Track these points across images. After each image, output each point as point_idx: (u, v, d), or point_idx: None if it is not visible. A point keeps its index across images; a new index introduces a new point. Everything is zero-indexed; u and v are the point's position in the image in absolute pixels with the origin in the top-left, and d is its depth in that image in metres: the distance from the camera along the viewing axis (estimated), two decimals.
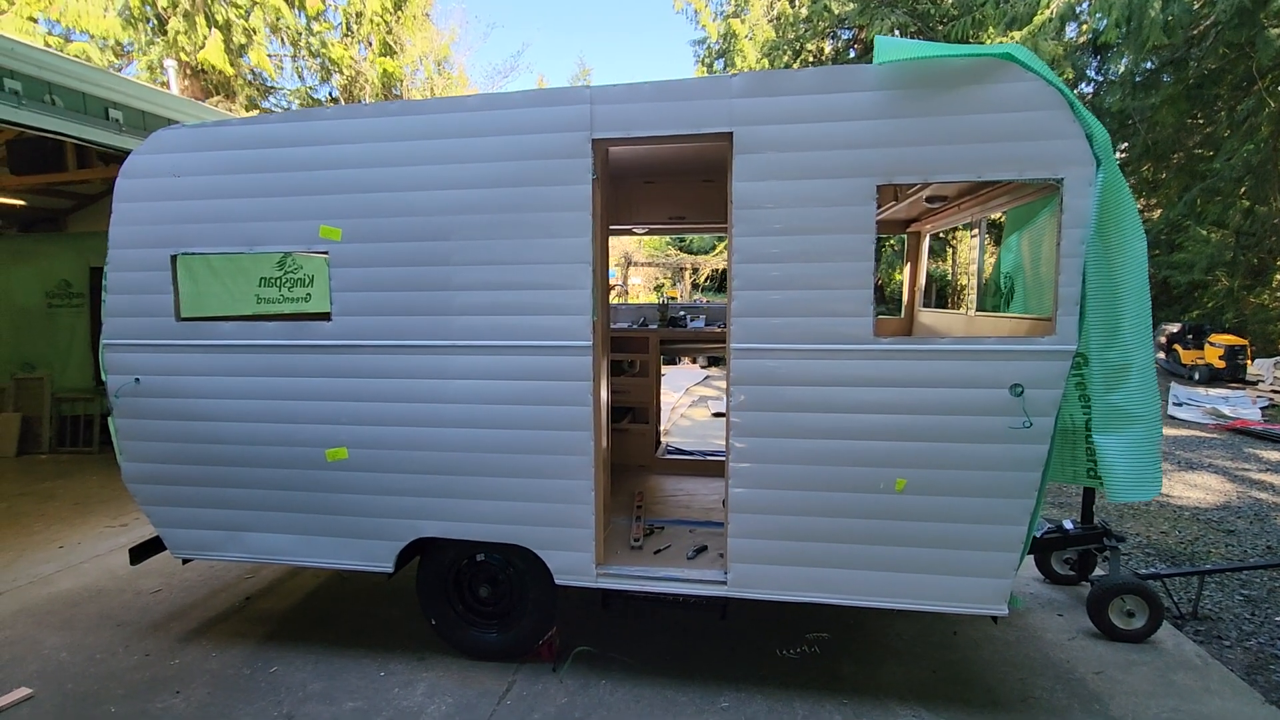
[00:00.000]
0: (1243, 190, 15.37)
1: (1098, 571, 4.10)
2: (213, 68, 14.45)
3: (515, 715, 2.87)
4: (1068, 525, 3.94)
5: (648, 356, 5.00)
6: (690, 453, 5.27)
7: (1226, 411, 10.46)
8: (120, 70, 15.42)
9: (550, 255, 2.85)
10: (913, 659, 3.31)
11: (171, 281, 3.14)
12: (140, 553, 3.51)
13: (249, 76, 15.93)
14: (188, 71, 14.66)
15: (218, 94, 15.11)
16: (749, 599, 2.92)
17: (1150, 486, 2.55)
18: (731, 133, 2.67)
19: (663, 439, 5.44)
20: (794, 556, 2.83)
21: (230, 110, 13.76)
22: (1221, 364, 14.23)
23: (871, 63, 2.54)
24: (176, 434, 3.24)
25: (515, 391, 2.92)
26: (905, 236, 4.98)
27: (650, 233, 5.19)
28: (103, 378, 3.28)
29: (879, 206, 2.66)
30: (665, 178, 4.61)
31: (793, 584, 2.86)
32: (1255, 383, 14.06)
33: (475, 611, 3.33)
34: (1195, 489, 6.52)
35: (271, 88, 17.36)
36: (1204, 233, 16.99)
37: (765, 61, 19.39)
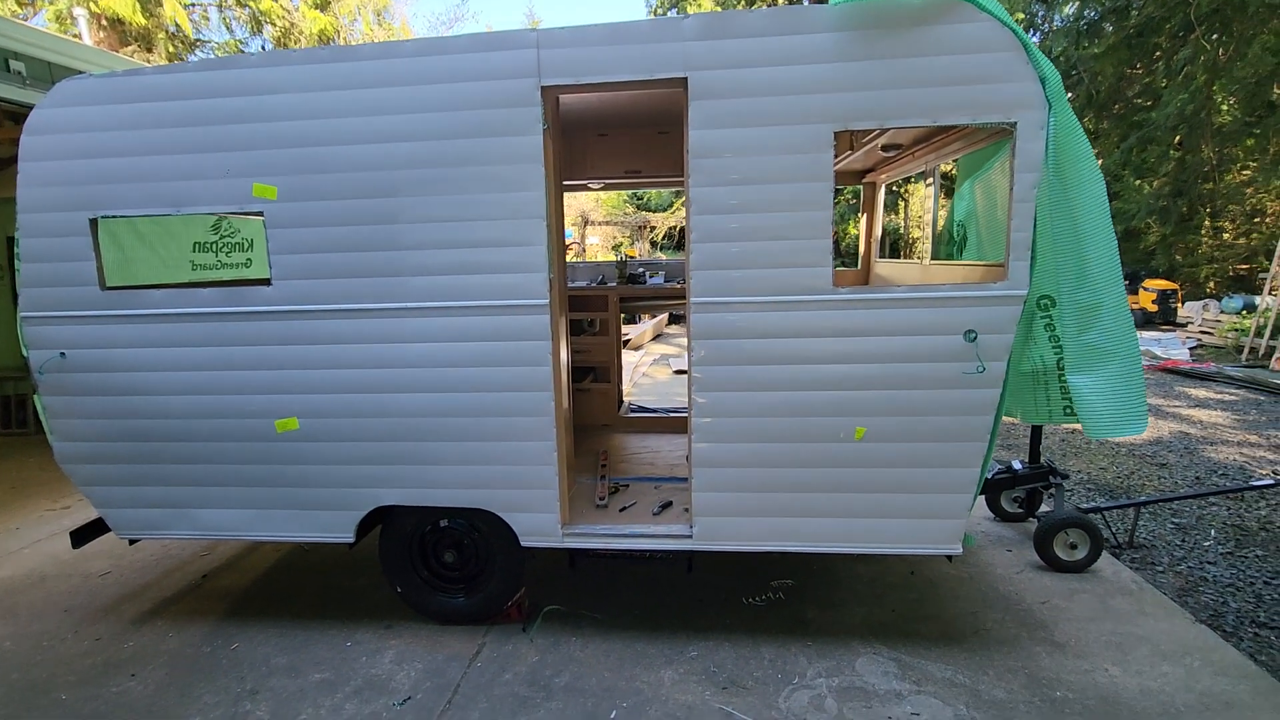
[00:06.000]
0: (1176, 140, 15.88)
1: (1043, 508, 4.30)
2: (119, 18, 13.36)
3: (487, 676, 2.88)
4: (1016, 466, 4.10)
5: (607, 315, 4.94)
6: (653, 410, 5.28)
7: (1159, 352, 11.00)
8: (26, 20, 14.14)
9: (501, 210, 2.74)
10: (874, 600, 3.43)
11: (93, 247, 2.92)
12: (82, 535, 3.35)
13: (172, 29, 14.81)
14: (102, 22, 13.54)
15: (135, 45, 14.01)
16: (715, 551, 2.96)
17: (1136, 422, 2.61)
18: (686, 78, 2.58)
19: (625, 398, 5.42)
20: (758, 507, 2.87)
21: (149, 63, 12.79)
22: (1154, 308, 14.92)
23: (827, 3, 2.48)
24: (111, 410, 3.06)
25: (471, 353, 2.84)
26: (861, 187, 4.98)
27: (606, 188, 5.07)
28: (23, 354, 3.06)
29: (836, 155, 2.62)
30: (619, 129, 4.48)
31: (757, 535, 2.90)
32: (1185, 325, 14.81)
33: (441, 577, 3.30)
34: None
35: (197, 40, 16.20)
36: (1137, 183, 17.59)
37: (719, 8, 18.95)
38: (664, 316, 15.79)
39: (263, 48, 17.08)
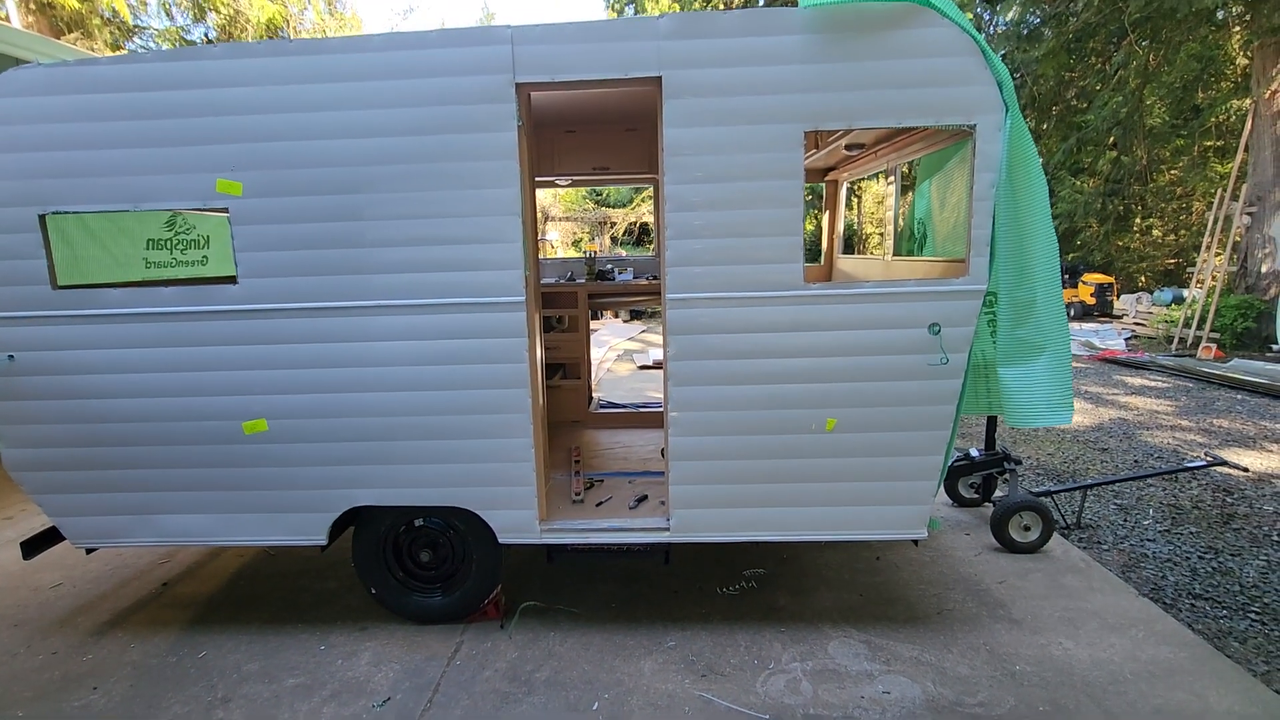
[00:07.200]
0: (1111, 141, 16.70)
1: (998, 493, 4.50)
2: (50, 1, 12.64)
3: (467, 674, 2.87)
4: (974, 453, 4.29)
5: (576, 311, 4.95)
6: (623, 406, 5.31)
7: (1097, 343, 11.57)
8: None
9: (477, 208, 2.73)
10: (842, 585, 3.54)
11: (43, 244, 2.80)
12: (34, 546, 3.20)
13: (108, 14, 14.09)
14: (30, 5, 12.78)
15: (73, 31, 13.29)
16: (692, 543, 3.02)
17: (1062, 412, 2.75)
18: (660, 76, 2.61)
19: (594, 394, 5.44)
20: (733, 499, 2.94)
21: (92, 51, 12.15)
22: (1093, 300, 15.67)
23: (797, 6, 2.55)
24: (65, 414, 2.94)
25: (448, 351, 2.83)
26: (824, 185, 5.10)
27: (574, 184, 5.07)
28: None
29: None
30: (587, 127, 4.49)
31: (733, 525, 2.97)
32: (1121, 316, 15.58)
33: (417, 577, 3.28)
34: (1074, 413, 7.22)
35: (137, 27, 15.45)
36: (1076, 183, 18.44)
37: (677, 6, 19.03)
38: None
39: (205, 35, 16.41)
